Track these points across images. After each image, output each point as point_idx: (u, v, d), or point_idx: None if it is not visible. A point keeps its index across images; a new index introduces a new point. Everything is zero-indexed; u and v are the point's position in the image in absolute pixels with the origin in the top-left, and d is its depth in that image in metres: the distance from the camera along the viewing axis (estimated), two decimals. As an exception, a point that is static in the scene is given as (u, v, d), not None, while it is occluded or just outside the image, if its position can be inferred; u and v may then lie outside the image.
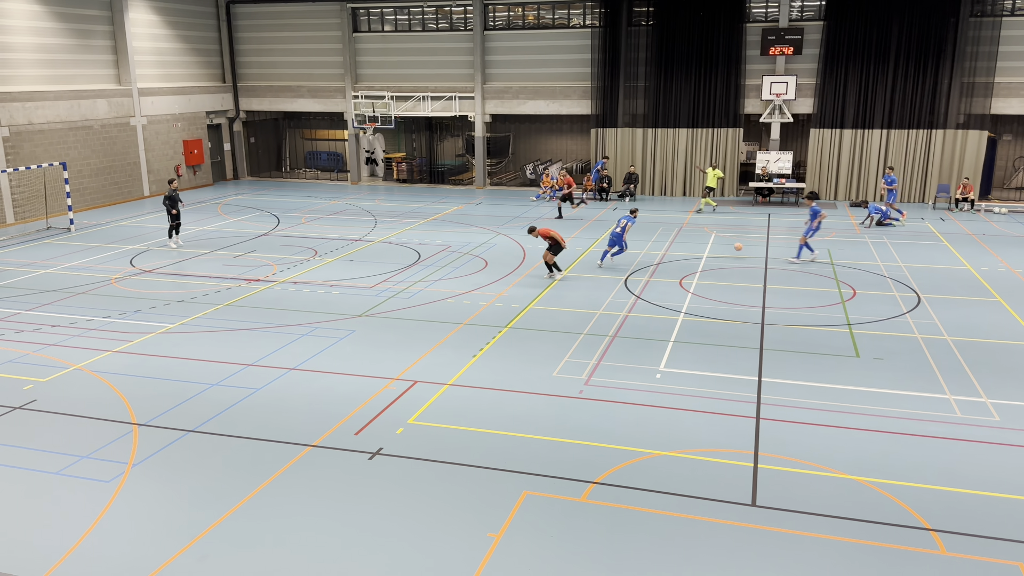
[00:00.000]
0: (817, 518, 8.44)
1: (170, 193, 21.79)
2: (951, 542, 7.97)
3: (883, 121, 29.27)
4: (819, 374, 12.47)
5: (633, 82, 31.67)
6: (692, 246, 22.15)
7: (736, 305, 16.31)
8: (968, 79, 28.08)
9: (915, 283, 17.86)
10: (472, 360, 13.20)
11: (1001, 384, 11.95)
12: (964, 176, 28.42)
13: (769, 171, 30.09)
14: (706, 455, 9.86)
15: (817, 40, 29.59)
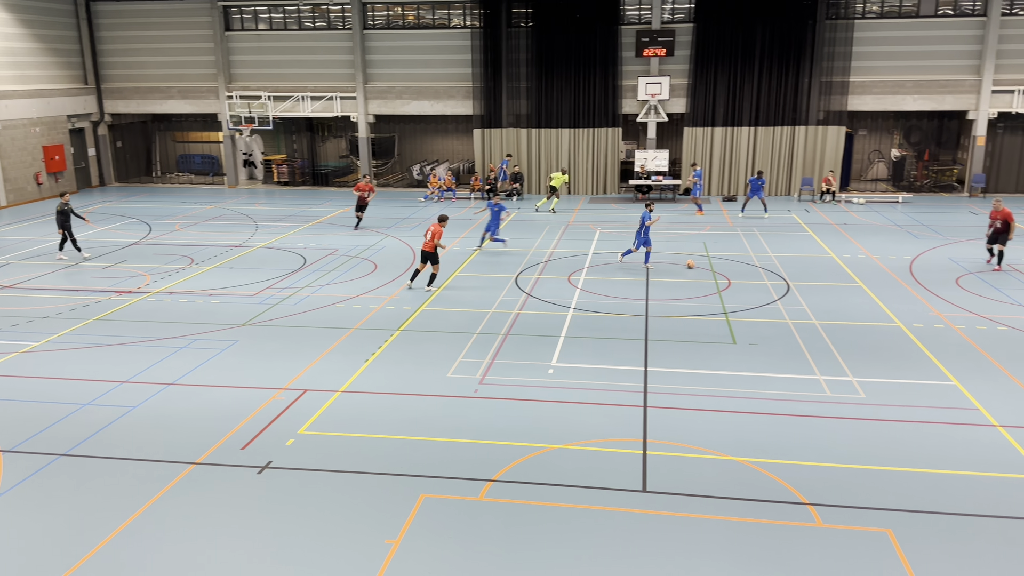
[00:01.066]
0: (704, 499, 8.81)
1: (62, 207, 20.29)
2: (826, 514, 8.49)
3: (750, 119, 30.82)
4: (700, 361, 13.01)
5: (515, 83, 32.03)
6: (578, 243, 22.63)
7: (622, 299, 16.78)
8: (826, 78, 29.98)
9: (784, 272, 18.91)
10: (364, 365, 13.00)
11: (865, 363, 12.83)
12: (829, 170, 30.32)
13: (647, 169, 31.11)
14: (598, 446, 10.10)
15: (688, 42, 30.84)
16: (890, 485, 9.05)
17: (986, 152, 30.26)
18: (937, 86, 29.78)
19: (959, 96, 29.73)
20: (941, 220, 25.31)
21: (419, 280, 17.86)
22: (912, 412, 10.96)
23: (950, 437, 10.22)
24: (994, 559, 7.67)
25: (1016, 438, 10.11)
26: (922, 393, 11.62)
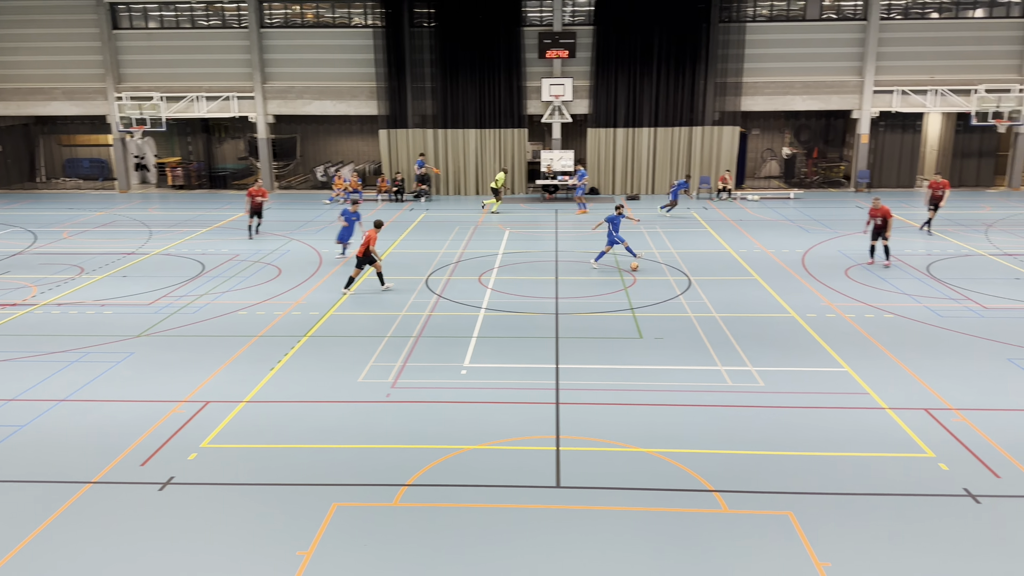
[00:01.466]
0: (615, 492, 8.98)
1: None
2: (731, 500, 8.81)
3: (650, 120, 31.64)
4: (609, 357, 13.27)
5: (420, 83, 31.84)
6: (488, 243, 22.69)
7: (532, 298, 16.93)
8: (720, 80, 31.09)
9: (686, 267, 19.51)
10: (270, 374, 12.64)
11: (763, 353, 13.38)
12: (725, 169, 31.44)
13: (554, 169, 31.50)
14: (513, 444, 10.15)
15: (589, 44, 31.39)
16: (790, 469, 9.46)
17: (870, 149, 32.06)
18: (824, 87, 31.34)
19: (844, 96, 31.38)
20: (830, 214, 26.65)
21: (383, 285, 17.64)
22: (808, 398, 11.50)
23: (843, 421, 10.77)
24: (888, 535, 8.13)
25: (903, 419, 10.75)
26: (816, 380, 12.20)
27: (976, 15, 31.01)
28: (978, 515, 8.42)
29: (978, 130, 31.26)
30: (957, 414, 10.84)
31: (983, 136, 31.69)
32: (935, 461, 9.57)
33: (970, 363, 12.76)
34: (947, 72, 30.77)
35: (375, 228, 17.57)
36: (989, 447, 9.87)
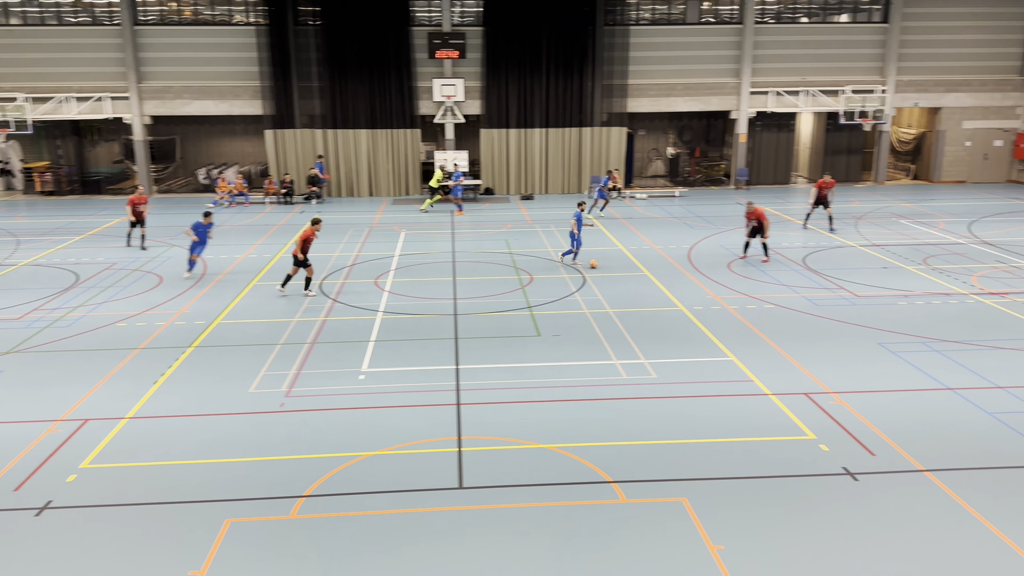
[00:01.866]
0: (517, 489, 9.05)
1: None
2: (629, 490, 9.04)
3: (542, 120, 32.07)
4: (508, 355, 13.36)
5: (307, 82, 31.09)
6: (383, 245, 22.41)
7: (430, 299, 16.83)
8: (607, 82, 31.84)
9: (580, 265, 19.88)
10: (154, 387, 12.04)
11: (655, 346, 13.79)
12: (614, 168, 32.19)
13: (448, 170, 31.40)
14: (414, 448, 10.06)
15: (479, 45, 31.50)
16: (683, 457, 9.79)
17: (748, 148, 33.60)
18: (704, 88, 32.62)
19: (723, 97, 32.76)
20: (712, 211, 27.77)
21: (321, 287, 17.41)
22: (697, 388, 11.94)
23: (731, 408, 11.25)
24: (776, 515, 8.54)
25: (786, 404, 11.32)
26: (704, 369, 12.69)
27: (842, 20, 33.02)
28: (856, 491, 8.97)
29: (846, 128, 33.30)
30: (834, 397, 11.51)
31: (851, 134, 33.78)
32: (816, 443, 10.12)
33: (845, 348, 13.57)
34: (817, 74, 32.64)
35: (311, 225, 16.90)
36: (864, 427, 10.53)
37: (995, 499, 8.73)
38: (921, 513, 8.51)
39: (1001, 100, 33.19)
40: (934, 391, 11.72)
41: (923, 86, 32.92)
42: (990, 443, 10.05)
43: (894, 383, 12.04)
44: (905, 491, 8.94)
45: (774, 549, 7.91)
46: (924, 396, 11.55)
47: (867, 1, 32.49)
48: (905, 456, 9.72)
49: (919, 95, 33.02)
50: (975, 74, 32.94)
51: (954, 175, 33.94)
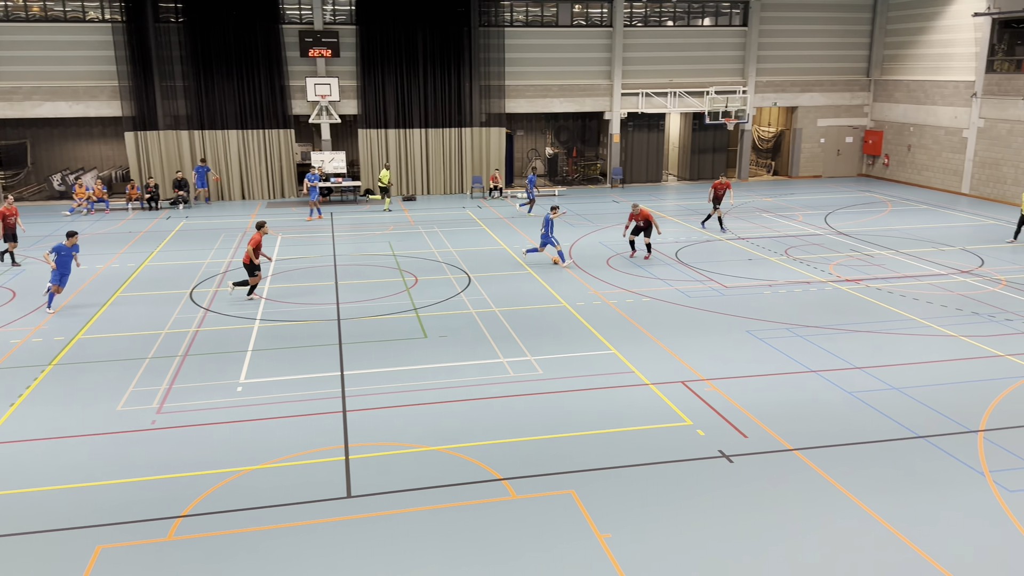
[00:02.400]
0: (408, 493, 8.97)
1: None
2: (519, 486, 9.14)
3: (421, 120, 31.88)
4: (395, 358, 13.21)
5: (170, 81, 29.62)
6: (257, 251, 21.65)
7: (311, 305, 16.41)
8: (485, 82, 32.03)
9: (465, 265, 19.93)
10: (9, 410, 11.15)
11: (540, 342, 14.01)
12: (494, 168, 32.45)
13: (325, 171, 30.75)
14: (299, 459, 9.78)
15: (353, 43, 30.96)
16: (571, 450, 10.00)
17: (621, 148, 34.65)
18: (578, 90, 33.38)
19: (596, 99, 33.64)
20: (590, 209, 28.47)
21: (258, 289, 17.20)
22: (582, 381, 12.22)
23: (614, 399, 11.58)
24: (659, 500, 8.85)
25: (664, 392, 11.76)
26: (588, 363, 13.00)
27: (705, 24, 34.60)
28: (732, 472, 9.43)
29: (711, 128, 34.92)
30: (708, 384, 12.06)
31: (716, 133, 35.45)
32: (693, 428, 10.57)
33: (716, 337, 14.24)
34: (683, 76, 34.05)
35: (258, 230, 16.73)
36: (737, 411, 11.08)
37: (856, 472, 9.40)
38: (791, 489, 9.04)
39: (851, 99, 35.71)
40: (799, 374, 12.49)
41: (780, 87, 34.97)
42: (850, 420, 10.81)
43: (762, 368, 12.73)
44: (776, 469, 9.48)
45: (658, 533, 8.21)
46: (790, 379, 12.29)
47: (728, 6, 34.20)
48: (775, 436, 10.30)
49: (777, 95, 35.06)
50: (827, 75, 35.29)
51: (810, 170, 36.25)
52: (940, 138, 31.71)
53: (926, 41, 32.26)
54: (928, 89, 32.23)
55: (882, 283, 17.69)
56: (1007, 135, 28.50)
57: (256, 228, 16.98)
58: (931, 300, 16.33)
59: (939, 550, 7.85)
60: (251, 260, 16.42)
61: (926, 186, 32.48)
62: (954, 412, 10.96)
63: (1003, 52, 29.12)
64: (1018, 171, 28.02)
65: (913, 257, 20.19)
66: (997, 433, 10.33)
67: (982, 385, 11.91)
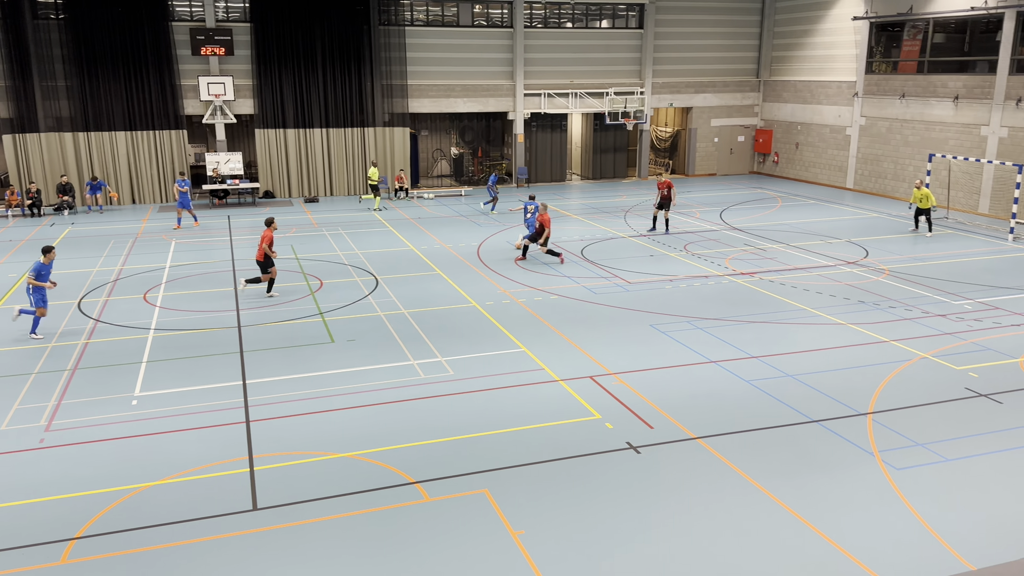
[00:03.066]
0: (317, 503, 8.78)
1: None
2: (432, 488, 9.09)
3: (321, 120, 31.25)
4: (300, 365, 12.91)
5: (51, 81, 27.98)
6: (152, 257, 20.73)
7: (210, 312, 15.83)
8: (386, 82, 31.67)
9: (372, 267, 19.67)
10: None
11: (450, 343, 13.97)
12: (399, 169, 32.14)
13: (221, 173, 29.73)
14: (201, 473, 9.43)
15: (247, 41, 30.05)
16: (483, 449, 10.02)
17: (526, 148, 34.96)
18: (481, 90, 33.47)
19: (500, 99, 33.81)
20: (499, 209, 28.57)
21: None
22: (493, 380, 12.26)
23: (525, 396, 11.67)
24: (570, 494, 8.98)
25: (574, 388, 11.95)
26: (499, 362, 13.06)
27: (603, 26, 35.30)
28: (639, 463, 9.67)
29: (612, 128, 35.67)
30: (615, 378, 12.32)
31: (616, 133, 36.24)
32: (602, 422, 10.78)
33: (622, 332, 14.57)
34: (584, 77, 34.65)
35: (268, 227, 16.92)
36: (643, 403, 11.37)
37: (755, 457, 9.80)
38: (696, 477, 9.35)
39: (742, 100, 37.19)
40: (700, 365, 12.92)
41: (676, 88, 36.07)
42: (748, 407, 11.26)
43: (666, 360, 13.11)
44: (681, 458, 9.78)
45: (570, 527, 8.33)
46: (692, 370, 12.70)
47: (624, 8, 35.00)
48: (679, 426, 10.63)
49: (673, 96, 36.14)
50: (719, 76, 36.63)
51: (706, 168, 37.55)
52: (825, 136, 33.44)
53: (810, 43, 33.95)
54: (813, 89, 33.93)
55: (775, 275, 18.51)
56: (886, 132, 30.32)
57: (266, 225, 17.09)
58: (820, 290, 17.20)
59: (834, 528, 8.28)
60: (265, 256, 16.64)
61: (813, 182, 34.18)
62: (844, 396, 11.58)
63: (881, 54, 30.97)
64: (897, 166, 29.87)
65: (803, 250, 21.21)
66: (884, 415, 10.98)
67: (869, 370, 12.63)
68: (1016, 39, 25.15)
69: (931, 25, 28.43)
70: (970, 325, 14.74)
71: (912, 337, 14.10)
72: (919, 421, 10.75)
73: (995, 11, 25.55)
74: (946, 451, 9.88)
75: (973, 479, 9.23)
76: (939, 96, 27.83)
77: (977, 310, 15.67)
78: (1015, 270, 18.84)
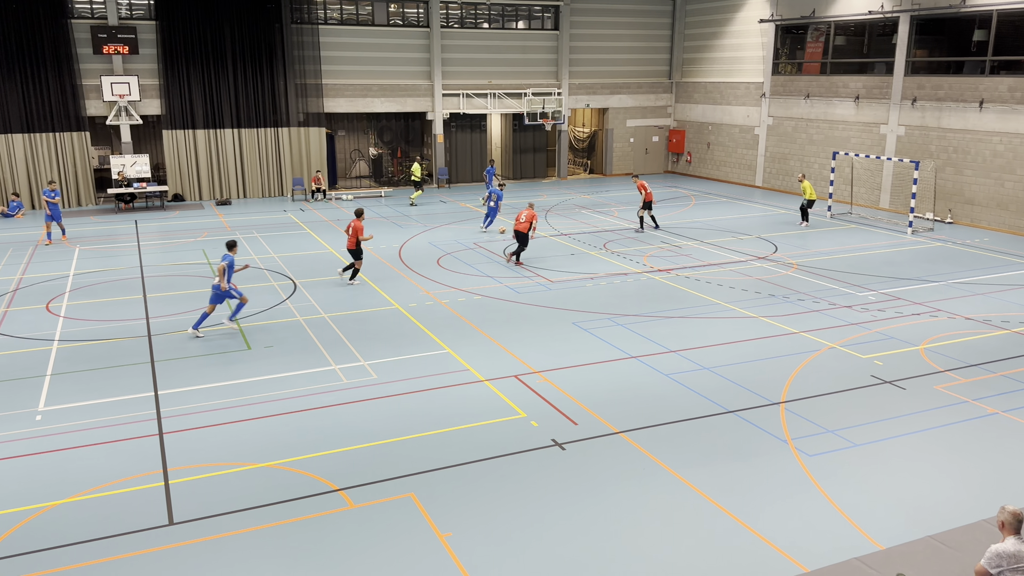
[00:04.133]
0: (237, 515, 8.53)
1: None
2: (357, 495, 8.95)
3: (233, 121, 30.36)
4: (216, 374, 12.52)
5: (-64, 80, 26.30)
6: (55, 264, 19.72)
7: (118, 321, 15.18)
8: (300, 81, 31.02)
9: (289, 271, 19.23)
10: None
11: (373, 347, 13.80)
12: (316, 170, 31.53)
13: (127, 176, 28.55)
14: (112, 488, 9.03)
15: (153, 40, 28.94)
16: (409, 452, 9.93)
17: (445, 148, 34.84)
18: (399, 90, 33.17)
19: (418, 99, 33.58)
20: (418, 210, 28.40)
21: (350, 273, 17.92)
22: (418, 383, 12.17)
23: (450, 398, 11.63)
24: (496, 495, 9.00)
25: (499, 388, 11.97)
26: (423, 364, 12.97)
27: (519, 27, 35.50)
28: (564, 460, 9.77)
29: (531, 128, 35.91)
30: (540, 376, 12.42)
31: (535, 134, 36.51)
32: (527, 420, 10.85)
33: (545, 330, 14.69)
34: (502, 77, 34.76)
35: (358, 218, 17.69)
36: (567, 400, 11.49)
37: (675, 448, 10.04)
38: (619, 471, 9.51)
39: (655, 101, 38.02)
40: (621, 360, 13.15)
41: (592, 89, 36.59)
42: (668, 400, 11.53)
43: (588, 357, 13.29)
44: (605, 453, 9.93)
45: (497, 526, 8.34)
46: (613, 366, 12.91)
47: (539, 10, 35.29)
48: (602, 421, 10.79)
49: (589, 97, 36.66)
50: (633, 78, 37.36)
51: (623, 168, 38.23)
52: (735, 136, 34.54)
53: (719, 46, 34.99)
54: (723, 90, 34.99)
55: (690, 271, 19.01)
56: (792, 132, 31.54)
57: (356, 216, 17.84)
58: (733, 285, 17.75)
59: (752, 514, 8.56)
60: (356, 245, 17.58)
61: (725, 180, 35.25)
62: (758, 387, 11.99)
63: (786, 56, 32.19)
64: (803, 164, 31.10)
65: (716, 246, 21.85)
66: (796, 404, 11.42)
67: (781, 361, 13.11)
68: (911, 42, 26.56)
69: (832, 28, 29.73)
70: (874, 315, 15.48)
71: (820, 328, 14.71)
72: (829, 408, 11.22)
73: (891, 14, 26.91)
74: (855, 436, 10.35)
75: (880, 462, 9.70)
76: (841, 96, 29.12)
77: (880, 301, 16.47)
78: (915, 262, 19.89)
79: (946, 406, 11.28)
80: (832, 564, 7.37)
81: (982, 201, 24.51)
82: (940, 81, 25.57)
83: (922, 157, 25.88)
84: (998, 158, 23.92)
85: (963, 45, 25.59)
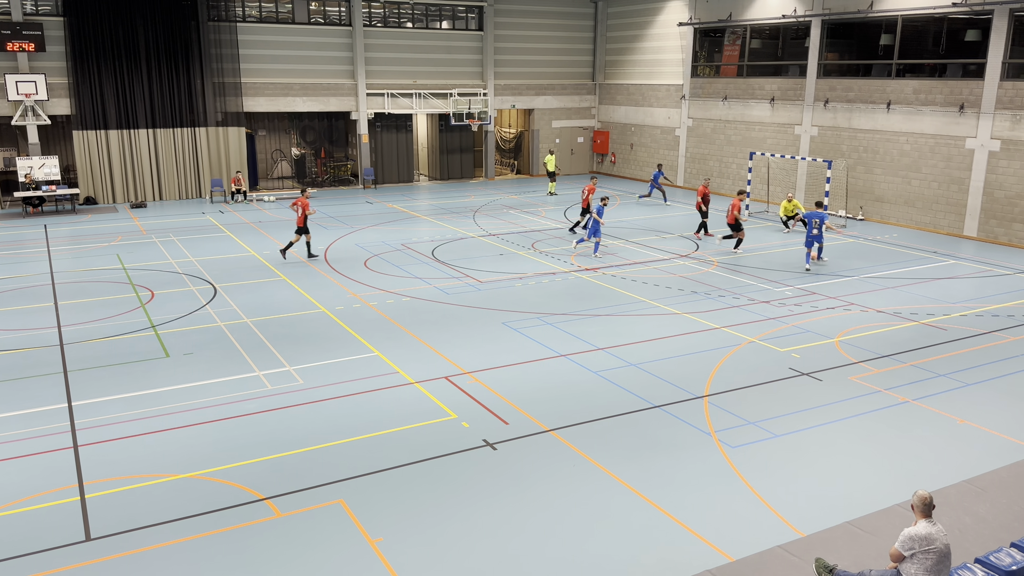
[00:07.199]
0: (159, 528, 8.24)
1: None
2: (283, 503, 8.76)
3: (147, 121, 29.30)
4: (132, 383, 12.06)
5: None
6: (-48, 273, 18.65)
7: (25, 330, 14.46)
8: (218, 80, 30.15)
9: (209, 275, 18.67)
10: None
11: (299, 351, 13.52)
12: (236, 170, 30.71)
13: (35, 178, 27.22)
14: (24, 505, 8.59)
15: (61, 37, 27.69)
16: (337, 458, 9.78)
17: (371, 148, 34.43)
18: (321, 89, 32.61)
19: (342, 98, 33.09)
20: (344, 211, 28.00)
21: None
22: (346, 387, 12.00)
23: (380, 401, 11.50)
24: (428, 497, 8.95)
25: (429, 389, 11.91)
26: (351, 368, 12.79)
27: (444, 27, 35.37)
28: (496, 460, 9.79)
29: (457, 129, 35.83)
30: (470, 376, 12.40)
31: (462, 134, 36.44)
32: (458, 421, 10.82)
33: (475, 331, 14.68)
34: (427, 77, 34.58)
35: (303, 196, 19.58)
36: (497, 400, 11.51)
37: (604, 444, 10.18)
38: (550, 468, 9.58)
39: (580, 102, 38.46)
40: (550, 359, 13.26)
41: (518, 90, 36.76)
42: (597, 397, 11.68)
43: (518, 356, 13.35)
44: (535, 452, 10.00)
45: (429, 529, 8.30)
46: (543, 364, 13.01)
47: (463, 10, 35.25)
48: (532, 420, 10.85)
49: (515, 98, 36.81)
50: (558, 79, 37.69)
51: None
52: (657, 137, 35.24)
53: (641, 48, 35.65)
54: (645, 92, 35.65)
55: (616, 270, 19.31)
56: (711, 133, 32.38)
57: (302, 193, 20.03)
58: (657, 283, 18.12)
59: (679, 507, 8.75)
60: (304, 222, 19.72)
61: (648, 181, 35.90)
62: (682, 381, 12.27)
63: (704, 58, 33.03)
64: (722, 164, 31.97)
65: (640, 245, 22.26)
66: (718, 397, 11.73)
67: (704, 355, 13.45)
68: (822, 45, 27.61)
69: (748, 31, 30.66)
70: (791, 310, 16.04)
71: (740, 323, 15.15)
72: (750, 401, 11.57)
73: (803, 19, 27.92)
74: (775, 428, 10.70)
75: (800, 452, 10.05)
76: (757, 98, 30.06)
77: (796, 296, 17.08)
78: (828, 257, 20.68)
79: (860, 396, 11.77)
80: (756, 552, 7.60)
81: (891, 198, 25.68)
82: (850, 83, 26.68)
83: (834, 156, 26.94)
84: (905, 157, 25.11)
85: (871, 49, 26.76)
